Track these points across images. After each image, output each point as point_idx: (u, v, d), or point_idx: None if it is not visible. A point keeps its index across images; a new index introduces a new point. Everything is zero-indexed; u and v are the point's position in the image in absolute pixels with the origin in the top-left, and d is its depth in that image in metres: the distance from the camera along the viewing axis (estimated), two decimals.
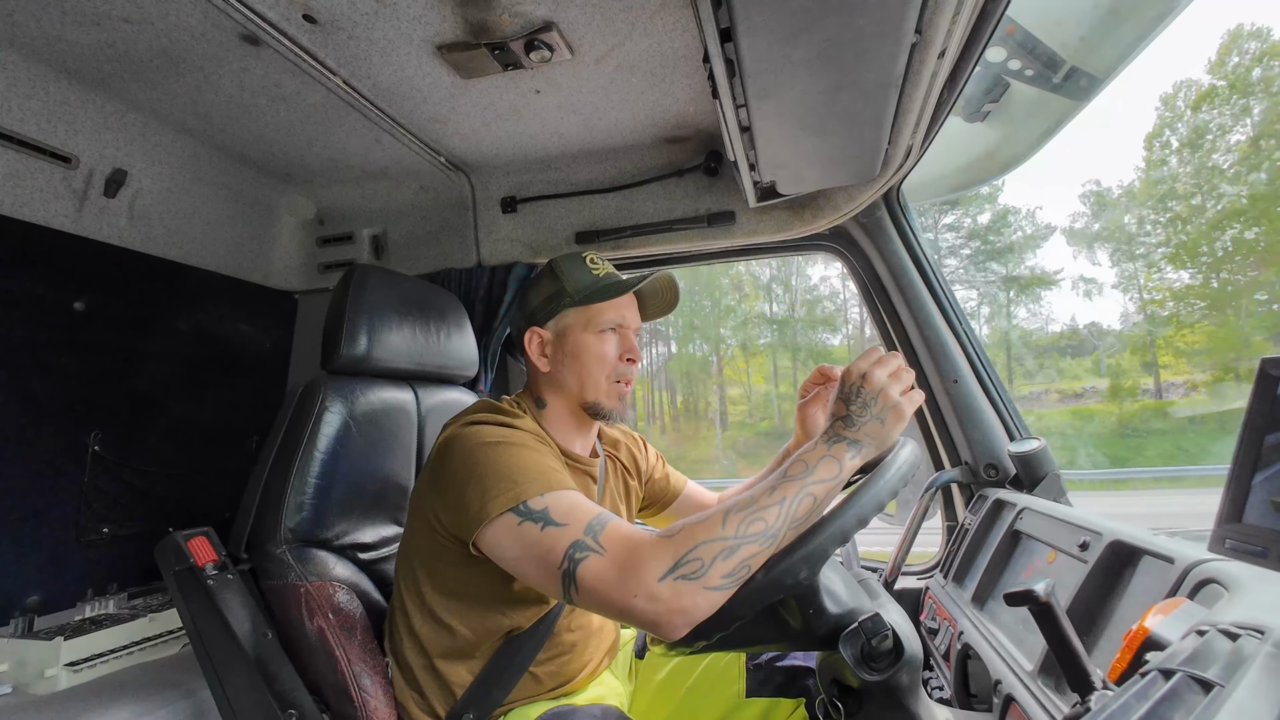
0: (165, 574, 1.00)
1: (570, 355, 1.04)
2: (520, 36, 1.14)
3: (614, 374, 1.05)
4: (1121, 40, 1.23)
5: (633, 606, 0.71)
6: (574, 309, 1.05)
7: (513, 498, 0.81)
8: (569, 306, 1.05)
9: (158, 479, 1.58)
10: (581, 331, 1.05)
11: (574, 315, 1.05)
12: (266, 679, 0.96)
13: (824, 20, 0.82)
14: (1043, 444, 1.34)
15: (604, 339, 1.05)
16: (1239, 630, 0.49)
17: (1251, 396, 0.60)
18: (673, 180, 1.68)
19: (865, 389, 0.78)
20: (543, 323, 1.07)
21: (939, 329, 1.56)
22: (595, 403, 1.05)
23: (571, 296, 1.05)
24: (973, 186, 1.74)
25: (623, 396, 1.07)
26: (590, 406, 1.05)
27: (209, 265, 1.71)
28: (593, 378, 1.04)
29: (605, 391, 1.05)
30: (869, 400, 0.78)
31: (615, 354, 1.06)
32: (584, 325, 1.05)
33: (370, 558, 1.17)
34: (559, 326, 1.06)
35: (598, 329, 1.05)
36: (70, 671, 1.14)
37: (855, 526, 0.72)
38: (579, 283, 1.05)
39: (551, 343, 1.06)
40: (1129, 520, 0.94)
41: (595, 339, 1.04)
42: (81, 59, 1.22)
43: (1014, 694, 0.86)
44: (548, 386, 1.07)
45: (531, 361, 1.07)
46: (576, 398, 1.05)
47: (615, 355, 1.06)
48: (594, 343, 1.04)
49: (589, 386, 1.04)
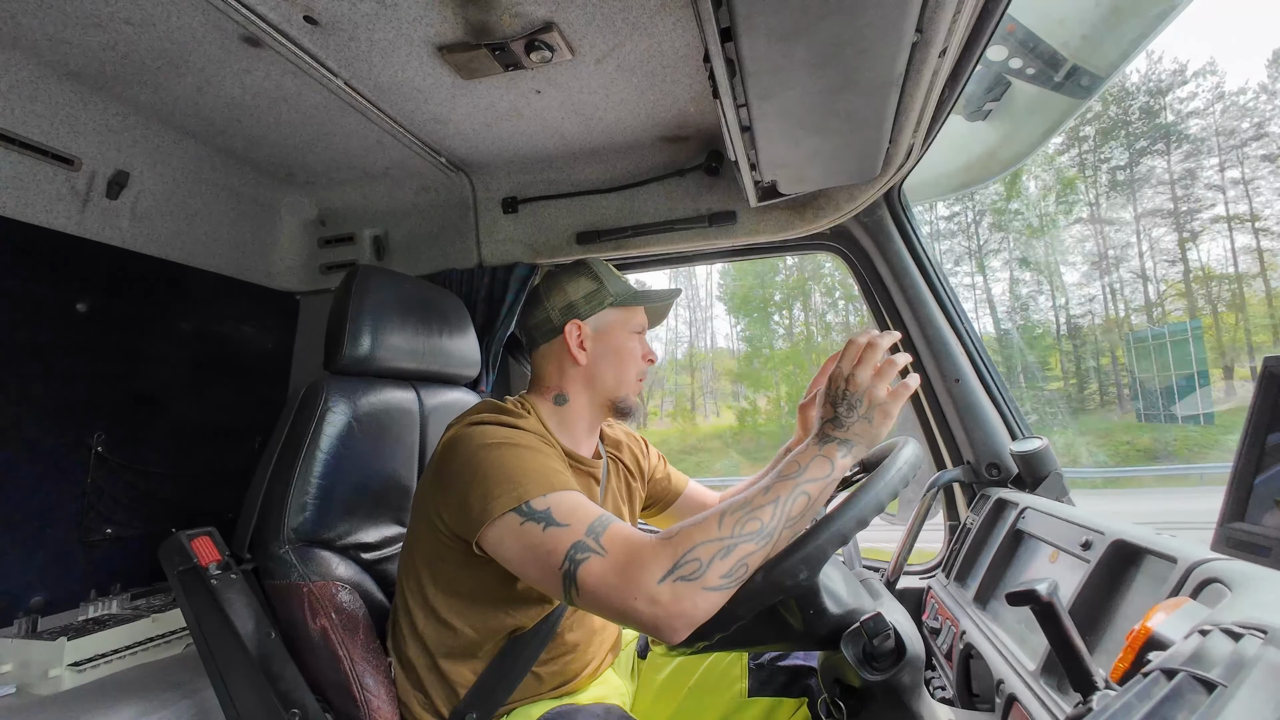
0: (169, 574, 1.01)
1: (612, 351, 1.11)
2: (520, 37, 1.14)
3: (640, 373, 1.14)
4: (1123, 38, 1.23)
5: (633, 609, 0.72)
6: (616, 309, 1.13)
7: (515, 498, 0.82)
8: (613, 305, 1.12)
9: (160, 479, 1.58)
10: (622, 329, 1.13)
11: (615, 315, 1.13)
12: (270, 678, 0.96)
13: (825, 19, 0.82)
14: (1045, 443, 1.34)
15: (636, 340, 1.14)
16: (1242, 630, 0.49)
17: (1254, 396, 0.60)
18: (674, 180, 1.68)
19: (850, 391, 0.79)
20: (585, 317, 1.11)
21: (940, 328, 1.55)
22: (624, 397, 1.12)
23: (614, 296, 1.12)
24: (974, 185, 1.73)
25: (640, 395, 1.15)
26: (620, 401, 1.12)
27: (211, 266, 1.71)
28: (628, 374, 1.12)
29: (633, 388, 1.13)
30: (855, 402, 0.79)
31: (640, 354, 1.14)
32: (624, 324, 1.13)
33: (373, 557, 1.17)
34: (600, 323, 1.12)
35: (634, 330, 1.14)
36: (74, 672, 1.15)
37: (855, 528, 0.72)
38: (618, 285, 1.14)
39: (591, 337, 1.11)
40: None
41: (632, 339, 1.13)
42: (84, 61, 1.22)
43: (1016, 694, 0.86)
44: (577, 380, 1.10)
45: (569, 352, 1.09)
46: (609, 392, 1.11)
47: (640, 356, 1.14)
48: (631, 344, 1.13)
49: (624, 382, 1.11)
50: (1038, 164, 19.57)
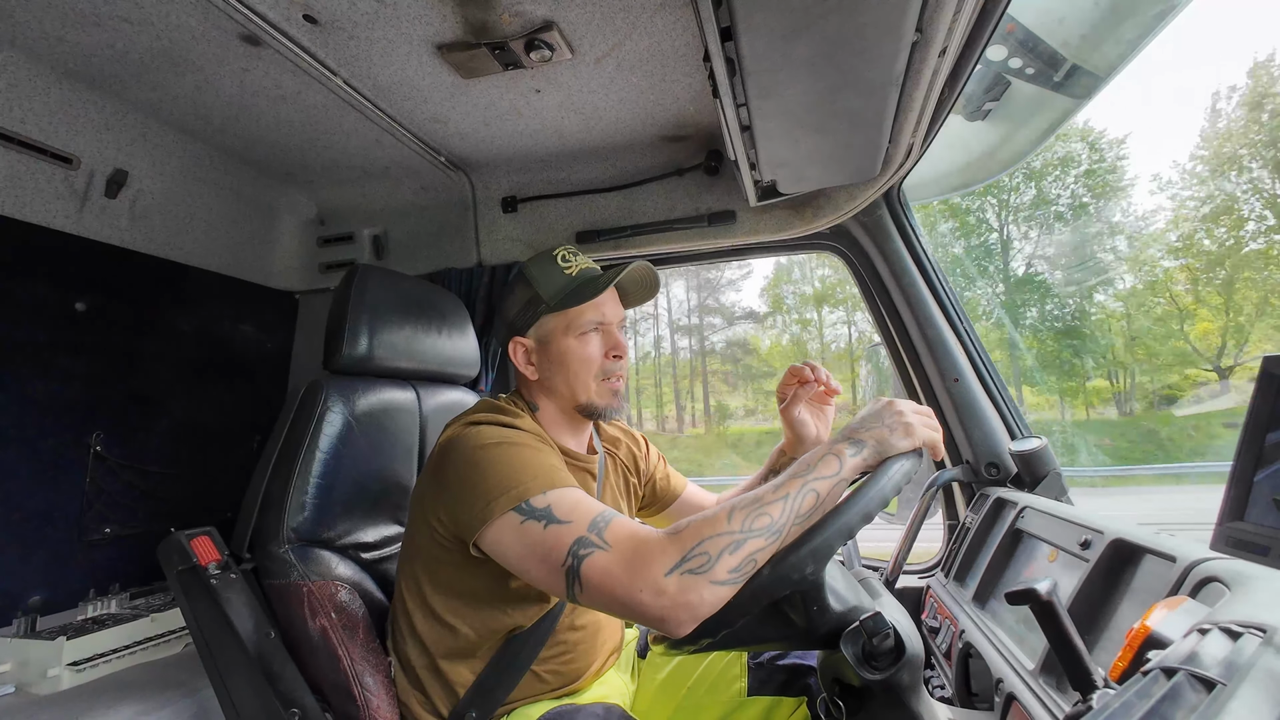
0: (168, 573, 1.00)
1: (556, 361, 1.04)
2: (520, 36, 1.14)
3: (601, 373, 1.05)
4: (1123, 38, 1.23)
5: (639, 601, 0.71)
6: (552, 314, 1.04)
7: (515, 497, 0.82)
8: (546, 312, 1.04)
9: (159, 479, 1.58)
10: (563, 336, 1.03)
11: (553, 320, 1.04)
12: (269, 678, 0.96)
13: (824, 19, 0.82)
14: (1044, 443, 1.35)
15: (586, 341, 1.04)
16: (1241, 629, 0.49)
17: (1254, 395, 0.60)
18: (673, 179, 1.68)
19: (886, 410, 0.81)
20: (524, 331, 1.06)
21: (940, 328, 1.56)
22: (588, 403, 1.05)
23: (547, 302, 1.03)
24: (974, 185, 1.74)
25: (616, 392, 1.07)
26: (583, 408, 1.05)
27: (210, 265, 1.71)
28: (581, 381, 1.04)
29: (596, 391, 1.05)
30: (884, 414, 0.80)
31: (600, 353, 1.05)
32: (565, 330, 1.03)
33: (372, 557, 1.17)
34: (540, 333, 1.05)
35: (579, 332, 1.03)
36: (73, 671, 1.15)
37: (860, 522, 0.72)
38: (553, 286, 1.04)
39: (536, 350, 1.06)
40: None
41: (578, 342, 1.03)
42: (82, 60, 1.22)
43: (1015, 693, 0.86)
44: (539, 392, 1.08)
45: (519, 370, 1.08)
46: (569, 401, 1.05)
47: (600, 354, 1.05)
48: (577, 346, 1.03)
49: (579, 389, 1.04)
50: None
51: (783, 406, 1.13)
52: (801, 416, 1.13)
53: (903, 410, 0.80)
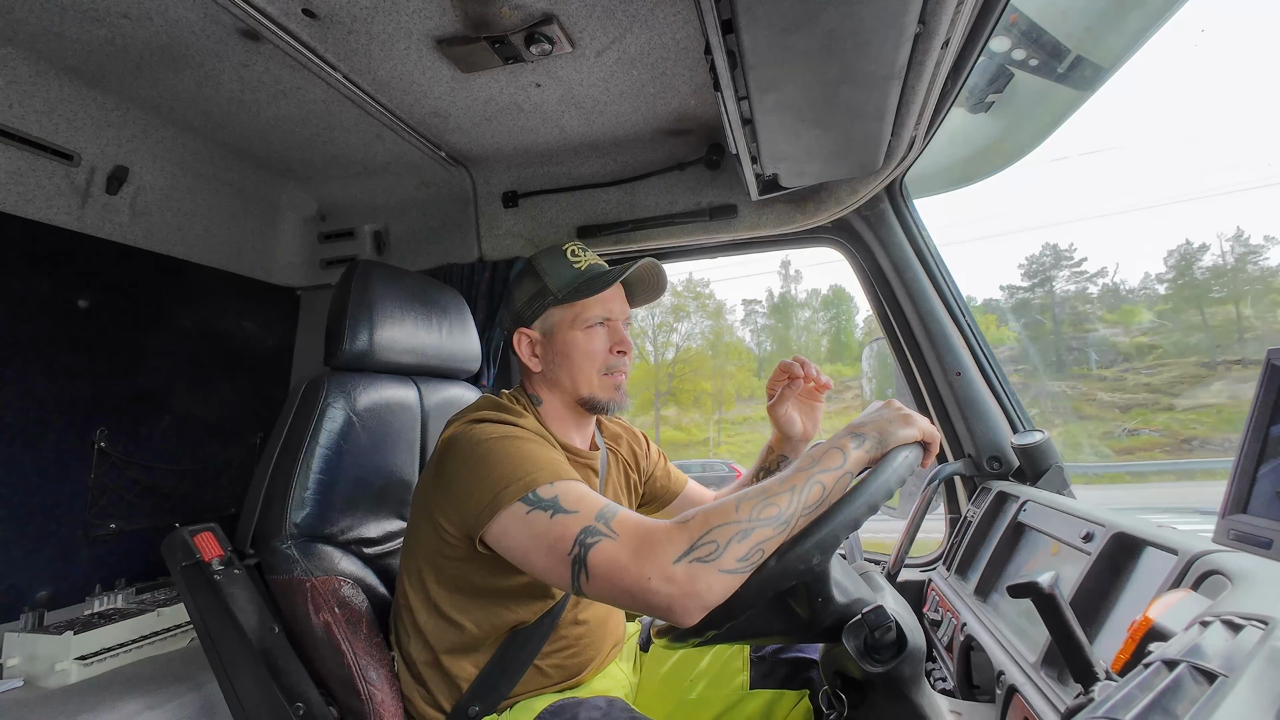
0: (172, 569, 1.01)
1: (560, 354, 1.04)
2: (520, 30, 1.13)
3: (605, 368, 1.05)
4: (1127, 30, 1.22)
5: (647, 589, 0.71)
6: (559, 307, 1.04)
7: (522, 486, 0.82)
8: (553, 305, 1.04)
9: (163, 475, 1.58)
10: (569, 329, 1.04)
11: (560, 313, 1.05)
12: (273, 672, 0.97)
13: (826, 11, 0.82)
14: (1046, 436, 1.34)
15: (592, 335, 1.04)
16: (1242, 621, 0.49)
17: (1258, 388, 0.60)
18: (674, 174, 1.68)
19: (886, 407, 0.83)
20: (529, 323, 1.07)
21: (942, 321, 1.55)
22: (590, 397, 1.05)
23: (555, 295, 1.04)
24: (977, 179, 1.73)
25: (618, 387, 1.07)
26: (586, 402, 1.06)
27: (211, 261, 1.71)
28: (584, 374, 1.04)
29: (599, 386, 1.05)
30: (884, 410, 0.83)
31: (604, 348, 1.05)
32: (571, 323, 1.04)
33: (375, 552, 1.17)
34: (546, 325, 1.06)
35: (585, 325, 1.04)
36: (80, 665, 1.16)
37: (866, 513, 0.73)
38: (561, 279, 1.05)
39: (540, 342, 1.07)
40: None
41: (583, 336, 1.04)
42: (82, 56, 1.22)
43: (1017, 685, 0.86)
44: (542, 384, 1.08)
45: (523, 362, 1.08)
46: (571, 394, 1.06)
47: (605, 349, 1.05)
48: (582, 340, 1.04)
49: (582, 383, 1.04)
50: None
51: (771, 403, 1.14)
52: (789, 414, 1.14)
53: (901, 406, 0.83)
